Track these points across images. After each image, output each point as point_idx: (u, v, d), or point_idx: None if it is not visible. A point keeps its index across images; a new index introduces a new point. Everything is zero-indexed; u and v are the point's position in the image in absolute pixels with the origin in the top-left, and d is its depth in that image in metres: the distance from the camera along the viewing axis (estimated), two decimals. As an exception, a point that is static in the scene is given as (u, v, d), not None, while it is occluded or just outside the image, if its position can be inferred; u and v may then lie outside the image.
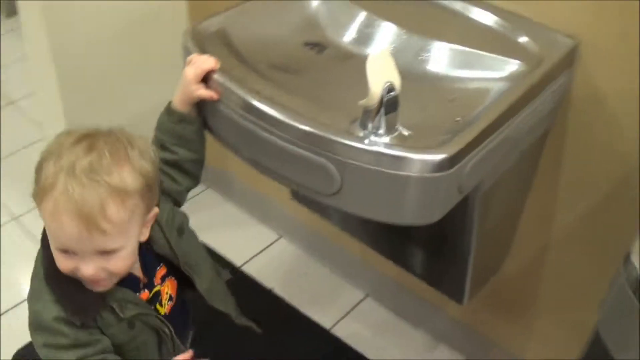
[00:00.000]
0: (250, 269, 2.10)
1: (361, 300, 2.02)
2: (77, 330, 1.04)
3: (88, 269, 0.99)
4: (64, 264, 1.01)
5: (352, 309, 2.00)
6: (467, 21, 1.35)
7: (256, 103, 1.13)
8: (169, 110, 1.21)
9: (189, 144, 1.21)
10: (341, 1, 1.42)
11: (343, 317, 1.97)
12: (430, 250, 1.54)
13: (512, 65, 1.26)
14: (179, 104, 1.20)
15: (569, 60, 1.31)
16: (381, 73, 1.03)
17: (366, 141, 1.05)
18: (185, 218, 1.23)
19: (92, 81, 1.87)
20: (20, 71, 2.75)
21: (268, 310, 1.95)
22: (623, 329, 0.97)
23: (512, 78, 1.24)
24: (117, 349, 1.10)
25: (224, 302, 1.28)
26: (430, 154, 1.04)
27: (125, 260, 1.03)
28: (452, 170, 1.05)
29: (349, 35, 1.41)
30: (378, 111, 1.04)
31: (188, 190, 1.25)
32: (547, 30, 1.31)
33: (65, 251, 0.99)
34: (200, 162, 1.24)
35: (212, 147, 1.26)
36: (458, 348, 1.84)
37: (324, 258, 2.10)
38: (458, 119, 1.15)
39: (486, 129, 1.11)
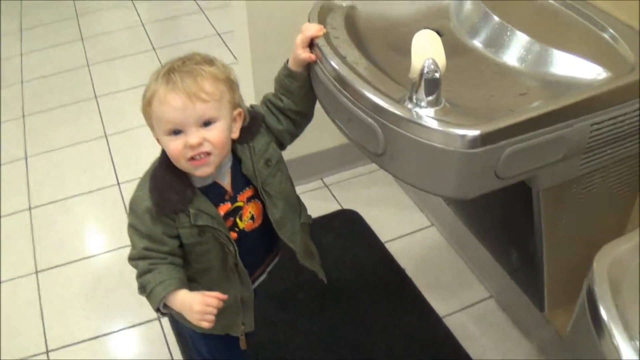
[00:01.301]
0: (393, 247, 2.22)
1: (483, 299, 2.04)
2: (155, 226, 1.28)
3: (194, 138, 1.19)
4: (173, 145, 1.21)
5: (472, 305, 2.03)
6: (570, 23, 1.35)
7: (335, 65, 1.28)
8: (284, 66, 1.41)
9: (292, 96, 1.39)
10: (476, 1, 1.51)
11: (460, 310, 2.01)
12: (518, 252, 1.56)
13: (600, 72, 1.25)
14: (292, 62, 1.39)
15: (673, 77, 1.26)
16: (425, 50, 1.12)
17: (406, 110, 1.15)
18: (278, 155, 1.39)
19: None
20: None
21: (391, 283, 2.08)
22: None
23: (594, 83, 1.23)
24: (186, 247, 1.32)
25: (292, 238, 1.43)
26: (462, 129, 1.11)
27: (222, 134, 1.22)
28: (483, 148, 1.11)
29: (466, 29, 1.48)
30: (420, 85, 1.13)
31: (290, 133, 1.42)
32: (656, 43, 1.28)
33: (174, 132, 1.21)
34: (301, 114, 1.41)
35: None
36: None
37: (465, 252, 2.16)
38: (512, 110, 1.19)
39: (532, 119, 1.14)
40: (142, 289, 1.29)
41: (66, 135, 2.89)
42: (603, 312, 0.84)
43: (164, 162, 1.28)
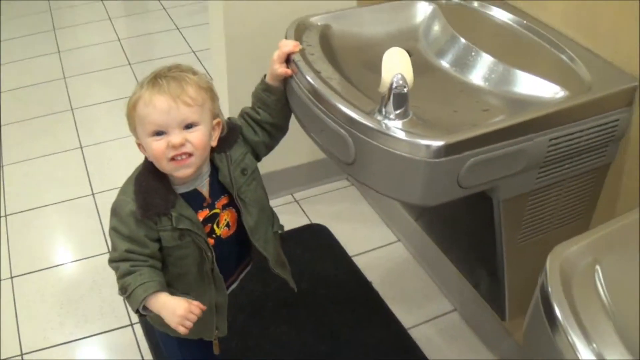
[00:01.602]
0: (360, 261, 2.29)
1: (448, 312, 2.11)
2: (138, 228, 1.33)
3: (177, 138, 1.25)
4: (156, 145, 1.26)
5: (436, 317, 2.10)
6: (531, 44, 1.45)
7: (310, 80, 1.36)
8: (261, 80, 1.48)
9: (268, 109, 1.46)
10: (443, 23, 1.60)
11: (424, 322, 2.08)
12: (482, 264, 1.63)
13: (558, 91, 1.34)
14: (269, 77, 1.47)
15: (627, 98, 1.35)
16: (394, 66, 1.20)
17: (375, 122, 1.22)
18: (254, 165, 1.45)
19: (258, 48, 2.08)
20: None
21: (357, 295, 2.14)
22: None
23: (552, 101, 1.32)
24: (165, 250, 1.37)
25: (265, 246, 1.48)
26: (427, 140, 1.18)
27: (203, 136, 1.28)
28: (446, 158, 1.18)
29: (434, 50, 1.57)
30: (389, 98, 1.21)
31: (265, 145, 1.48)
32: (610, 66, 1.37)
33: (157, 133, 1.26)
34: (276, 127, 1.48)
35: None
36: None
37: (430, 266, 2.23)
38: (475, 124, 1.27)
39: (493, 133, 1.22)
40: (123, 290, 1.32)
41: (42, 145, 2.93)
42: (557, 311, 0.89)
43: (148, 168, 1.34)
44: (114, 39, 3.79)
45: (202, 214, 1.38)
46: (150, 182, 1.33)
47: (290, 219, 2.43)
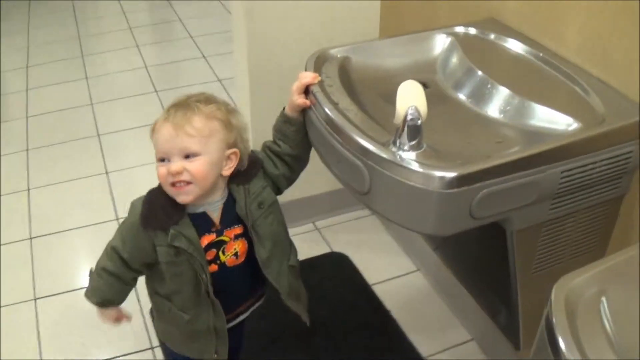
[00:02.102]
0: (380, 289, 2.31)
1: (465, 342, 2.12)
2: (130, 234, 1.41)
3: (174, 166, 1.30)
4: (160, 170, 1.32)
5: (454, 346, 2.10)
6: (545, 76, 1.47)
7: (328, 111, 1.39)
8: (281, 112, 1.51)
9: (289, 141, 1.49)
10: (460, 55, 1.64)
11: (442, 351, 2.09)
12: (498, 294, 1.64)
13: (571, 122, 1.36)
14: (288, 108, 1.50)
15: (640, 131, 1.37)
16: (409, 98, 1.23)
17: (389, 153, 1.25)
18: (272, 199, 1.47)
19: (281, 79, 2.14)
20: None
21: (376, 323, 2.16)
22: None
23: (565, 133, 1.34)
24: (162, 265, 1.40)
25: (277, 279, 1.50)
26: (440, 171, 1.21)
27: (203, 167, 1.31)
28: (459, 189, 1.21)
29: (452, 82, 1.60)
30: (403, 129, 1.24)
31: (286, 178, 1.51)
32: (624, 98, 1.39)
33: (162, 159, 1.32)
34: (296, 158, 1.51)
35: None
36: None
37: (448, 296, 2.24)
38: (488, 155, 1.29)
39: (505, 164, 1.24)
40: (90, 279, 1.49)
41: (68, 170, 3.00)
42: (561, 341, 0.90)
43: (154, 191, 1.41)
44: (141, 66, 3.88)
45: (208, 238, 1.40)
46: (160, 196, 1.38)
47: (311, 247, 2.47)
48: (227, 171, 1.39)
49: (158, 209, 1.37)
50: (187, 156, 1.32)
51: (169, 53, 4.09)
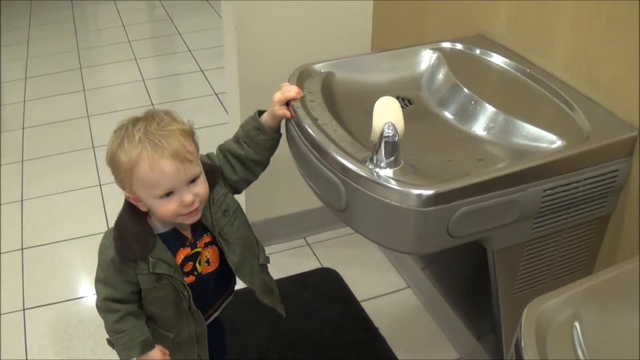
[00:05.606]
0: (369, 306, 2.28)
1: (453, 361, 2.08)
2: (116, 275, 1.37)
3: (189, 197, 1.28)
4: (168, 206, 1.28)
5: (441, 366, 2.07)
6: (531, 93, 1.45)
7: (307, 127, 1.37)
8: (254, 117, 1.47)
9: (256, 147, 1.46)
10: (445, 72, 1.61)
11: (429, 370, 2.05)
12: (484, 315, 1.61)
13: (555, 140, 1.33)
14: (267, 116, 1.47)
15: (626, 148, 1.34)
16: (385, 114, 1.21)
17: (366, 170, 1.23)
18: (235, 204, 1.46)
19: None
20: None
21: (364, 340, 2.13)
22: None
23: (548, 151, 1.32)
24: (143, 291, 1.39)
25: (251, 280, 1.49)
26: (416, 189, 1.18)
27: (205, 185, 1.32)
28: (436, 207, 1.18)
29: (436, 98, 1.58)
30: (380, 146, 1.22)
31: (245, 181, 1.49)
32: (611, 115, 1.37)
33: (167, 194, 1.28)
34: (260, 164, 1.48)
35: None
36: None
37: (437, 314, 2.21)
38: (468, 173, 1.26)
39: (484, 182, 1.21)
40: (111, 344, 1.43)
41: (62, 181, 2.99)
42: None
43: (127, 212, 1.37)
44: (138, 79, 3.87)
45: (184, 252, 1.40)
46: (129, 227, 1.35)
47: (301, 262, 2.44)
48: None
49: (131, 240, 1.35)
50: (191, 181, 1.30)
51: (167, 66, 4.09)
